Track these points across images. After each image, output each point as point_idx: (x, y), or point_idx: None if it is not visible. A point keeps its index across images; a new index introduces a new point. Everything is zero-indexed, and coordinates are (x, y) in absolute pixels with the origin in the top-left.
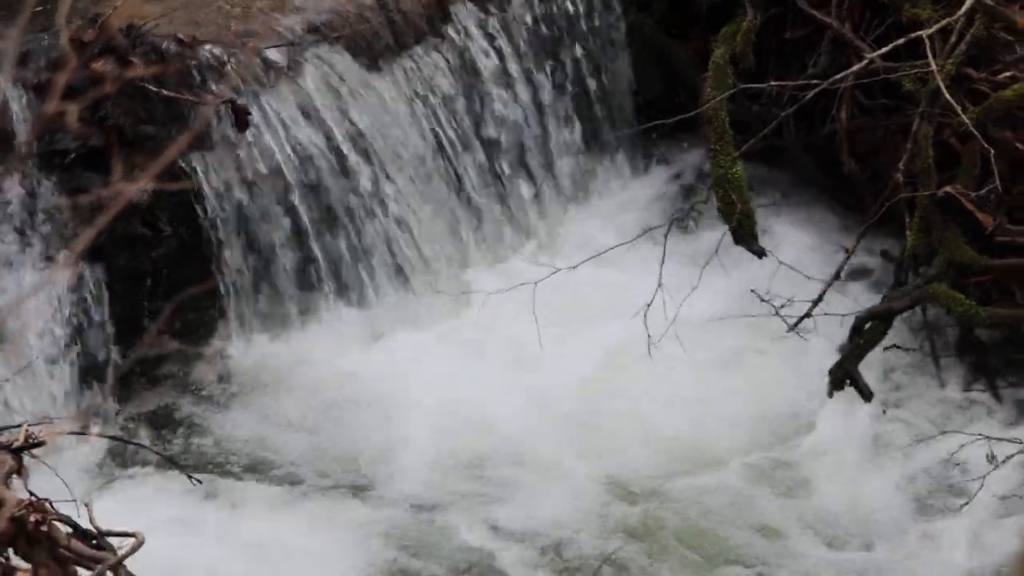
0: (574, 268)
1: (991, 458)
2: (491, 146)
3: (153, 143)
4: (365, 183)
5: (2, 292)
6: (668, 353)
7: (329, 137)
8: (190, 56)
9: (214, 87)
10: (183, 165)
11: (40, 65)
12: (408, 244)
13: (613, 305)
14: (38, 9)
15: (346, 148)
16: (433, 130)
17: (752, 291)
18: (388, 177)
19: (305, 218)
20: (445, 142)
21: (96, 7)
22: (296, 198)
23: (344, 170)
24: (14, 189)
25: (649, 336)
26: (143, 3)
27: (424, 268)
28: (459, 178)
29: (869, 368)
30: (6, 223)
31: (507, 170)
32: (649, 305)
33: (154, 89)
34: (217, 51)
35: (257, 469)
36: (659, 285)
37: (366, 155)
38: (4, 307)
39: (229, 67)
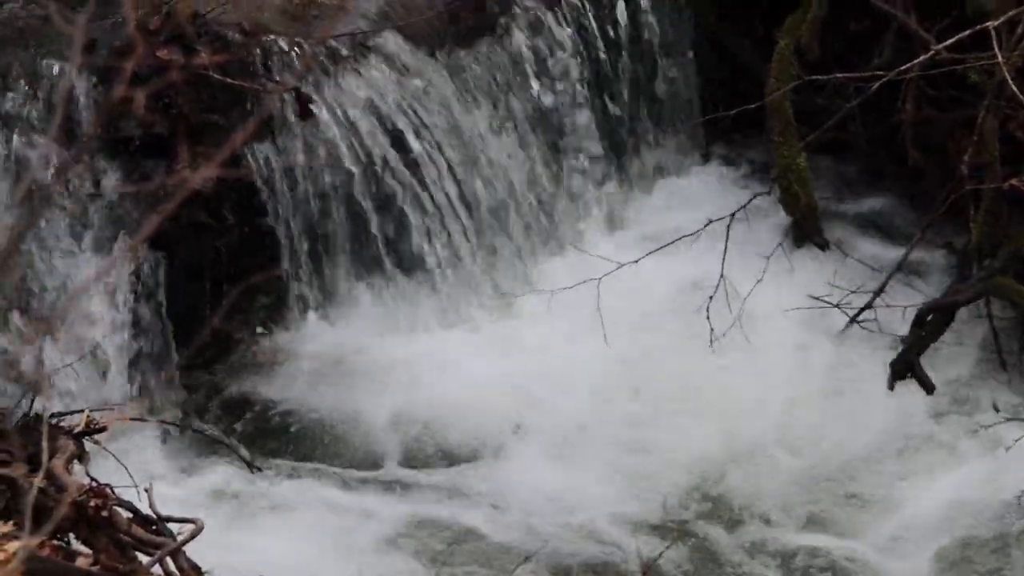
0: (636, 262)
1: None
2: (554, 135)
3: (217, 131)
4: (427, 171)
5: (66, 279)
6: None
7: (391, 125)
8: (255, 45)
9: (278, 76)
10: (247, 153)
11: (106, 52)
12: (470, 233)
13: (677, 297)
14: None
15: (408, 136)
16: (496, 118)
17: (810, 296)
18: (450, 166)
19: (368, 205)
20: (508, 130)
21: None
22: (359, 186)
23: (406, 158)
24: (79, 175)
25: (712, 330)
26: None
27: (485, 257)
28: (523, 166)
29: (930, 360)
30: (71, 209)
31: (571, 159)
32: (711, 298)
33: (218, 77)
34: (282, 40)
35: (317, 455)
36: (721, 276)
37: (428, 143)
38: (67, 294)
39: (294, 56)
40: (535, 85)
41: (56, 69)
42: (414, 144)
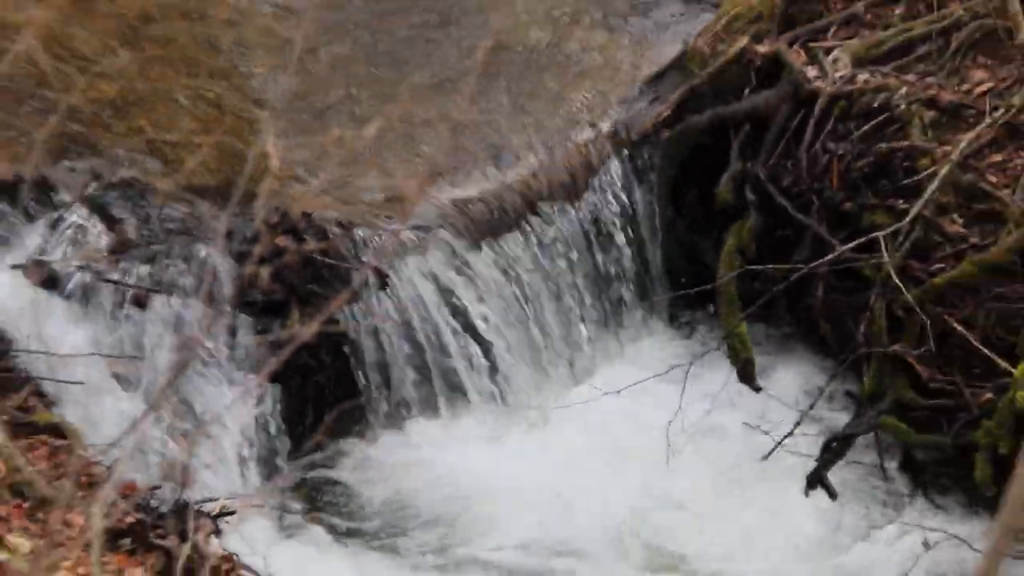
0: (618, 392)
1: (925, 543)
2: (564, 308)
3: (319, 298)
4: (472, 331)
5: (211, 404)
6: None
7: (446, 296)
8: (348, 235)
9: (364, 257)
10: (340, 314)
11: (240, 239)
12: (503, 376)
13: (644, 425)
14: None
15: (458, 304)
16: (519, 295)
17: (746, 424)
18: (487, 323)
19: (427, 353)
20: (529, 302)
21: (280, 198)
22: (421, 337)
23: (458, 320)
24: (220, 329)
25: (669, 445)
26: (316, 196)
27: (513, 392)
28: (540, 328)
29: (835, 475)
30: (214, 354)
31: (575, 324)
32: (671, 422)
33: (320, 258)
34: (366, 231)
35: (387, 536)
36: (679, 408)
37: (472, 311)
38: (211, 415)
39: (375, 243)
40: (549, 271)
41: (203, 251)
42: (463, 308)
